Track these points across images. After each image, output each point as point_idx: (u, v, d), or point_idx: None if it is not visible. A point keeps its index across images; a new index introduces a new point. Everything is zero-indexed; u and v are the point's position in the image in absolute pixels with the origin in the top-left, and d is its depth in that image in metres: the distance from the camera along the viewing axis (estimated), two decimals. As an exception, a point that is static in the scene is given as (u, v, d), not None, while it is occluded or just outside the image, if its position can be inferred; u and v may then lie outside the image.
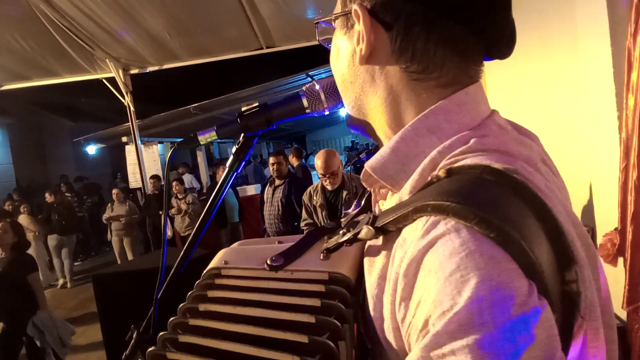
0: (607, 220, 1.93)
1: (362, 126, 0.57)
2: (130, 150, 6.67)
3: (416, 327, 0.38)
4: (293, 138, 19.71)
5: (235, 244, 0.71)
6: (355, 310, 0.50)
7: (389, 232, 0.45)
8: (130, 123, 5.33)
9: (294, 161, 6.22)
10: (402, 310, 0.40)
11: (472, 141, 0.44)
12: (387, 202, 0.55)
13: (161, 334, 0.55)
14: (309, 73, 7.57)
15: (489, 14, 0.47)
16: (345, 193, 3.27)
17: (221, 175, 0.72)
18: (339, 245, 0.53)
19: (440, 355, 0.34)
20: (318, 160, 3.28)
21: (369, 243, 0.51)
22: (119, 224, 6.80)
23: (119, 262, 6.70)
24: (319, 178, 3.35)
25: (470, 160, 0.42)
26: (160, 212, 6.44)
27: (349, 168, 3.96)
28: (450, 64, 0.48)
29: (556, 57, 2.38)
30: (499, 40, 0.49)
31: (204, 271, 0.63)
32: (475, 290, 0.33)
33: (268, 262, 0.56)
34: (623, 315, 1.82)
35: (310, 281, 0.53)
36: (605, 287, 0.44)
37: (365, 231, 0.47)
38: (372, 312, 0.47)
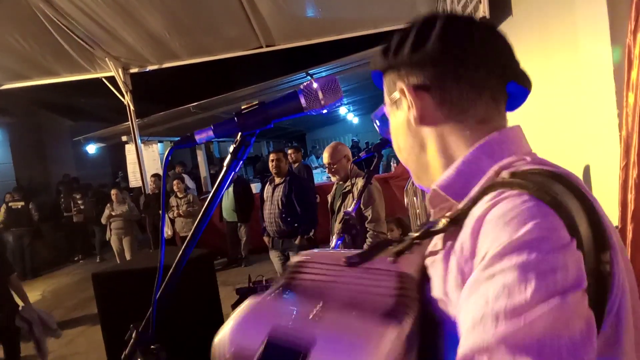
0: (607, 219, 1.92)
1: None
2: (130, 149, 6.67)
3: (477, 264, 0.46)
4: (293, 137, 19.66)
5: (307, 251, 0.76)
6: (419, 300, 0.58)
7: (459, 220, 0.53)
8: (130, 122, 5.33)
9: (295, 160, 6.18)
10: (468, 267, 0.48)
11: (529, 157, 0.55)
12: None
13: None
14: (309, 72, 7.54)
15: (500, 59, 0.59)
16: (347, 187, 3.22)
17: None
18: (410, 244, 0.58)
19: (490, 275, 0.43)
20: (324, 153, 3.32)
21: (428, 249, 0.60)
22: (119, 224, 6.79)
23: (118, 261, 6.70)
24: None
25: (530, 167, 0.53)
26: (160, 212, 6.40)
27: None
28: (479, 102, 0.59)
29: (556, 55, 2.38)
30: (518, 75, 0.60)
31: (288, 265, 0.69)
32: (530, 229, 0.43)
33: (344, 259, 0.63)
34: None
35: (384, 274, 0.61)
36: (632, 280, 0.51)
37: (442, 222, 0.53)
38: (435, 293, 0.54)
